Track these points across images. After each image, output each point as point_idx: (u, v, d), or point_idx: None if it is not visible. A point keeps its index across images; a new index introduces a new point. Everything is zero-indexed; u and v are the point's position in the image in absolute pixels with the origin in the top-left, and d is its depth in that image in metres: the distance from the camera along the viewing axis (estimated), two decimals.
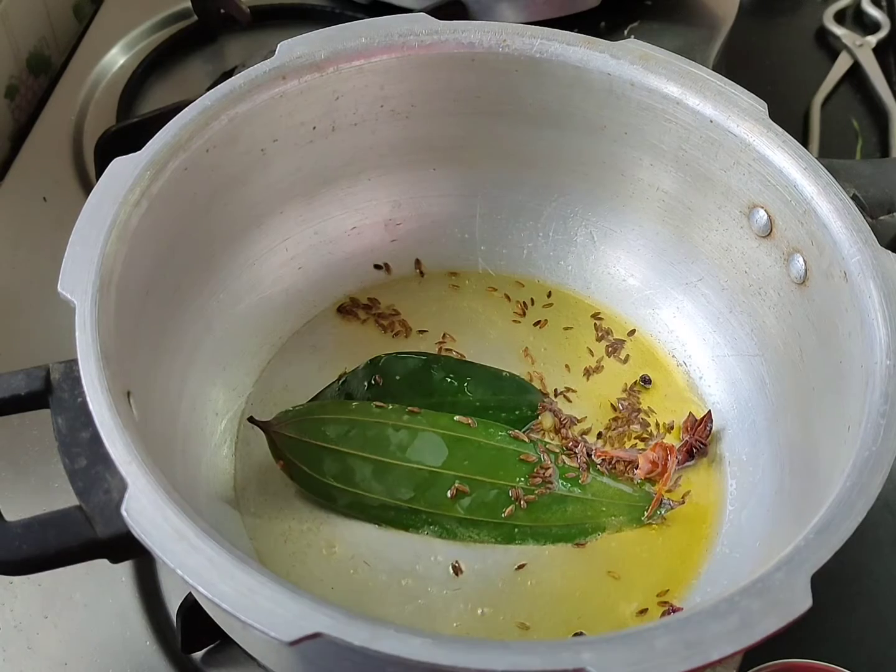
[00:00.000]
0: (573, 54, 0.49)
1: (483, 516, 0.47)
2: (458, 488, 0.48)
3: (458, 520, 0.47)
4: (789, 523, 0.41)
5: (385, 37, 0.49)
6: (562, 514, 0.48)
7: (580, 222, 0.56)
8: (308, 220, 0.53)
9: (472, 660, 0.31)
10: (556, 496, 0.48)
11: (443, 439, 0.49)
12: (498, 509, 0.48)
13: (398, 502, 0.47)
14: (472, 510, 0.47)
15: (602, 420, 0.52)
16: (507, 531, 0.47)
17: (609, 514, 0.48)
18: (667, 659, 0.31)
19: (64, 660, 0.47)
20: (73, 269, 0.39)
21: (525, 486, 0.48)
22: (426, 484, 0.48)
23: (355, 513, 0.47)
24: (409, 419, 0.49)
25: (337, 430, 0.48)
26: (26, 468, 0.52)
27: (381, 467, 0.48)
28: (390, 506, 0.47)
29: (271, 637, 0.31)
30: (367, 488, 0.47)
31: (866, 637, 0.49)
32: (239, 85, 0.46)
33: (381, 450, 0.48)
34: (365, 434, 0.48)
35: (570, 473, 0.49)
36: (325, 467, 0.47)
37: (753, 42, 0.81)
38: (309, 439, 0.48)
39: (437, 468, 0.48)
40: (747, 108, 0.47)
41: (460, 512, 0.47)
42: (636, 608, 0.46)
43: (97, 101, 0.71)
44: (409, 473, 0.48)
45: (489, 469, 0.48)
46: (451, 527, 0.47)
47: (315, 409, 0.49)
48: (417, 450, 0.48)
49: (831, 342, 0.44)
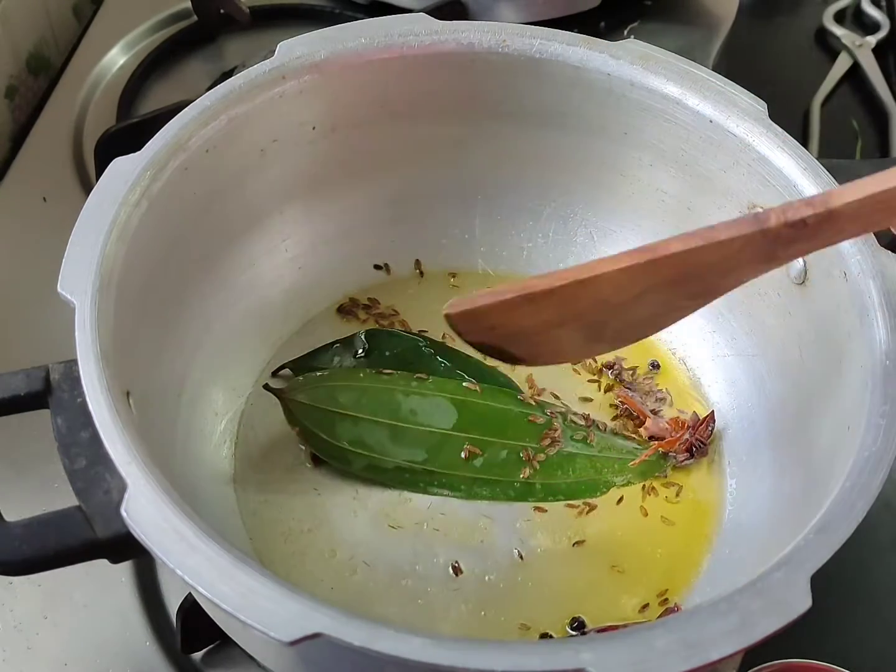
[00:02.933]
0: (573, 54, 0.49)
1: (496, 475, 0.49)
2: (470, 449, 0.49)
3: (472, 479, 0.49)
4: (789, 523, 0.41)
5: (385, 37, 0.49)
6: (572, 470, 0.50)
7: (580, 222, 0.56)
8: (308, 220, 0.53)
9: (472, 660, 0.31)
10: (564, 454, 0.50)
11: (451, 403, 0.50)
12: (509, 468, 0.49)
13: (412, 464, 0.48)
14: (485, 470, 0.49)
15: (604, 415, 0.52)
16: (520, 489, 0.49)
17: (617, 471, 0.50)
18: (667, 659, 0.31)
19: (64, 660, 0.47)
20: (73, 269, 0.39)
21: (535, 445, 0.50)
22: (439, 446, 0.49)
23: (371, 475, 0.48)
24: (417, 385, 0.50)
25: (349, 397, 0.49)
26: (26, 468, 0.52)
27: (394, 431, 0.49)
28: (405, 468, 0.48)
29: (271, 637, 0.31)
30: (382, 451, 0.48)
31: (866, 637, 0.49)
32: (239, 85, 0.46)
33: (392, 414, 0.49)
34: (377, 399, 0.50)
35: (577, 433, 0.50)
36: (340, 432, 0.48)
37: (753, 42, 0.81)
38: (323, 406, 0.49)
39: (448, 430, 0.49)
40: (747, 108, 0.47)
41: (472, 471, 0.49)
42: (637, 606, 0.46)
43: (97, 101, 0.71)
44: (422, 436, 0.49)
45: (498, 430, 0.50)
46: (466, 486, 0.48)
47: (326, 378, 0.50)
48: (428, 413, 0.50)
49: (831, 342, 0.44)
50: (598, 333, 0.39)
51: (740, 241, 0.35)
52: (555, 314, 0.38)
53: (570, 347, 0.41)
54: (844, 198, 0.34)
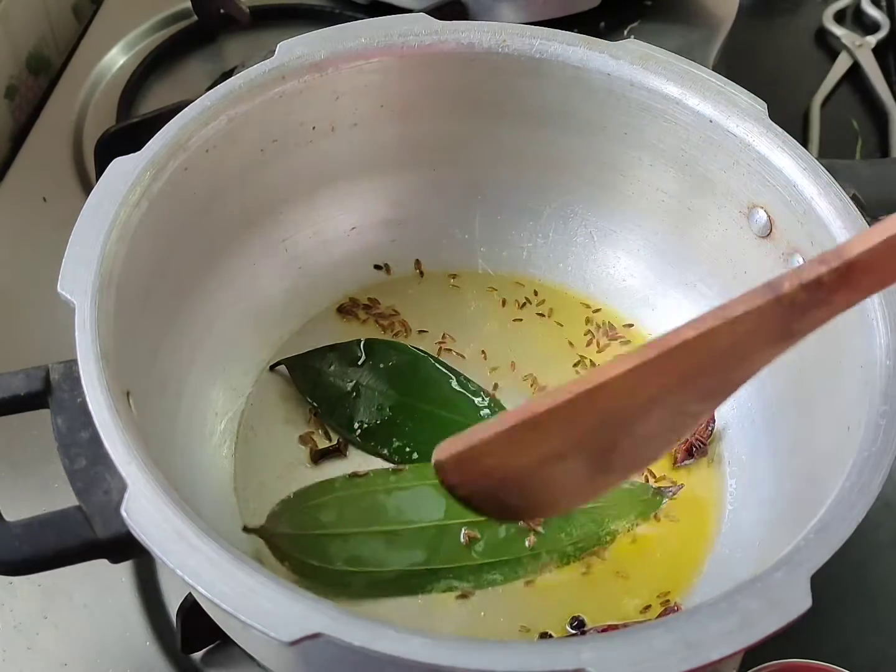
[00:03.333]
0: (573, 54, 0.49)
1: (501, 555, 0.46)
2: (469, 534, 0.46)
3: (478, 566, 0.46)
4: (789, 523, 0.41)
5: (385, 37, 0.49)
6: (573, 529, 0.47)
7: (580, 222, 0.56)
8: (308, 220, 0.53)
9: (472, 660, 0.31)
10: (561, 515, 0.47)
11: (436, 489, 0.46)
12: (512, 544, 0.46)
13: (414, 568, 0.45)
14: (489, 552, 0.46)
15: None
16: (529, 564, 0.46)
17: (617, 517, 0.48)
18: (667, 659, 0.31)
19: (64, 660, 0.47)
20: (73, 269, 0.39)
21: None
22: (436, 540, 0.46)
23: (375, 592, 0.45)
24: (396, 479, 0.47)
25: (331, 513, 0.46)
26: (26, 468, 0.52)
27: (388, 537, 0.46)
28: (407, 573, 0.45)
29: (271, 637, 0.31)
30: (380, 562, 0.45)
31: (866, 637, 0.49)
32: (238, 85, 0.46)
33: (380, 519, 0.46)
34: (359, 508, 0.47)
35: None
36: (333, 553, 0.45)
37: (753, 42, 0.81)
38: (308, 531, 0.46)
39: (441, 521, 0.47)
40: (747, 108, 0.47)
41: (477, 558, 0.46)
42: (638, 607, 0.46)
43: (97, 101, 0.71)
44: (416, 534, 0.46)
45: None
46: (475, 576, 0.46)
47: (300, 499, 0.47)
48: (415, 508, 0.47)
49: (831, 342, 0.44)
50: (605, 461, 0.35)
51: (754, 316, 0.32)
52: (558, 441, 0.34)
53: (574, 486, 0.36)
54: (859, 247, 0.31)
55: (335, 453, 0.50)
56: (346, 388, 0.51)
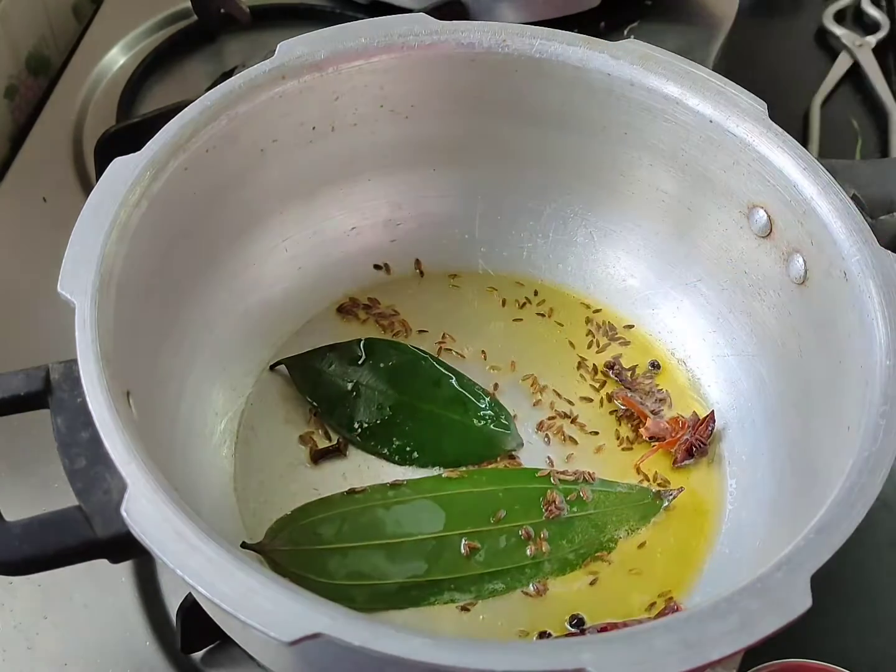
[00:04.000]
0: (573, 54, 0.49)
1: (502, 564, 0.46)
2: (469, 545, 0.46)
3: (480, 576, 0.46)
4: (789, 523, 0.41)
5: (385, 37, 0.49)
6: (575, 536, 0.47)
7: (580, 222, 0.56)
8: (308, 220, 0.53)
9: (472, 660, 0.31)
10: (563, 520, 0.48)
11: (435, 502, 0.47)
12: (513, 553, 0.46)
13: (415, 579, 0.45)
14: (490, 562, 0.46)
15: (604, 414, 0.52)
16: (531, 573, 0.46)
17: (618, 523, 0.48)
18: (667, 659, 0.31)
19: (64, 660, 0.47)
20: (73, 269, 0.39)
21: (534, 521, 0.47)
22: (437, 551, 0.46)
23: (377, 605, 0.45)
24: (394, 493, 0.48)
25: (330, 529, 0.46)
26: (26, 468, 0.52)
27: (388, 550, 0.46)
28: (409, 585, 0.45)
29: (271, 637, 0.31)
30: (381, 575, 0.45)
31: (866, 637, 0.49)
32: (239, 85, 0.46)
33: (380, 533, 0.46)
34: (358, 523, 0.47)
35: (570, 495, 0.49)
36: (333, 569, 0.45)
37: (753, 42, 0.81)
38: (308, 546, 0.46)
39: (440, 532, 0.47)
40: (747, 108, 0.47)
41: (478, 568, 0.46)
42: (640, 607, 0.46)
43: (97, 101, 0.71)
44: (416, 546, 0.46)
45: (490, 516, 0.47)
46: (476, 587, 0.46)
47: (298, 516, 0.47)
48: (415, 521, 0.47)
49: (831, 342, 0.44)
50: None
51: None
52: None
53: None
54: None
55: (335, 453, 0.50)
56: (346, 388, 0.51)
